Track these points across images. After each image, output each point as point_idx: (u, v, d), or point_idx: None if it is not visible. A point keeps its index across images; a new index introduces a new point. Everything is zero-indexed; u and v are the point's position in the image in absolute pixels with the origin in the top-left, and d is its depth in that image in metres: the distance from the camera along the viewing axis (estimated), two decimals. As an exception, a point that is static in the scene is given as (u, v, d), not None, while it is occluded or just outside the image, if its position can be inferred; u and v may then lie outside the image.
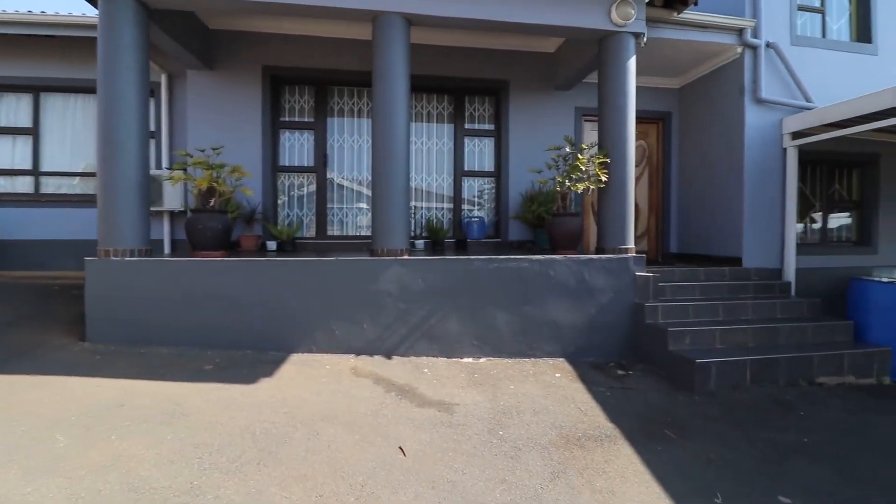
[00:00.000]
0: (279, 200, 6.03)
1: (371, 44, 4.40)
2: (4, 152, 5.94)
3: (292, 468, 2.37)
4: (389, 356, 4.19)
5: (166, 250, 5.73)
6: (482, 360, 4.28)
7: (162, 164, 5.74)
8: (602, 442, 2.90)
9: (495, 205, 6.43)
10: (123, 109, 3.99)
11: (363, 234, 6.12)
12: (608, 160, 4.65)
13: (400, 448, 2.66)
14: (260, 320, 4.09)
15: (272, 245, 5.46)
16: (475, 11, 4.38)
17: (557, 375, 4.01)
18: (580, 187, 4.64)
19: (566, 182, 4.68)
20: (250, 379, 3.47)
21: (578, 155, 4.66)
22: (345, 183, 6.17)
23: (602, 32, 4.65)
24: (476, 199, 6.48)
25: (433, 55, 5.89)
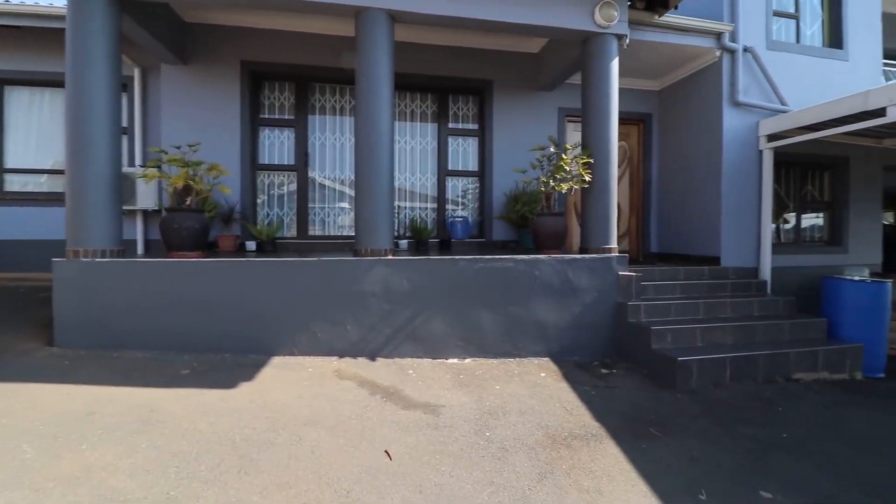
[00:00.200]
0: (259, 199, 5.89)
1: (354, 40, 4.33)
2: (-35, 148, 5.65)
3: (274, 475, 2.29)
4: (374, 358, 4.13)
5: (140, 251, 5.54)
6: (467, 361, 4.26)
7: (135, 162, 5.54)
8: (588, 441, 2.90)
9: (479, 205, 6.42)
10: (94, 104, 3.83)
11: (345, 234, 6.03)
12: (592, 160, 4.68)
13: (386, 452, 2.61)
14: (239, 323, 3.98)
15: (251, 245, 5.33)
16: (460, 10, 4.35)
17: (543, 375, 4.01)
18: (564, 187, 4.66)
19: (550, 182, 4.69)
20: (229, 383, 3.36)
21: (563, 155, 4.68)
22: (326, 182, 6.07)
23: (586, 33, 4.68)
24: (460, 199, 6.46)
25: (417, 53, 5.83)
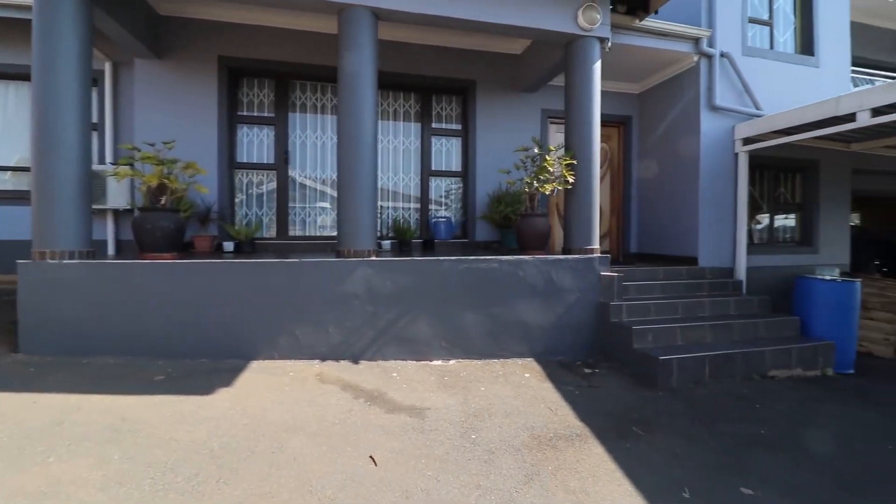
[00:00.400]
0: (237, 199, 5.74)
1: (337, 38, 4.25)
2: (-80, 143, 5.33)
3: (255, 485, 2.22)
4: (357, 361, 4.06)
5: (110, 252, 5.32)
6: (452, 363, 4.23)
7: (106, 159, 5.31)
8: (573, 441, 2.91)
9: (462, 205, 6.40)
10: (62, 99, 3.66)
11: (327, 235, 5.93)
12: (575, 162, 4.71)
13: (371, 457, 2.56)
14: (216, 327, 3.86)
15: (229, 246, 5.18)
16: (443, 9, 4.32)
17: (527, 376, 4.02)
18: (548, 188, 4.68)
19: (535, 183, 4.70)
20: (206, 389, 3.25)
21: (546, 157, 4.69)
22: (307, 181, 5.95)
23: (569, 36, 4.71)
24: (443, 200, 6.42)
25: (401, 52, 5.78)
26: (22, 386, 3.07)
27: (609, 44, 4.84)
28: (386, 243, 5.67)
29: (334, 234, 5.60)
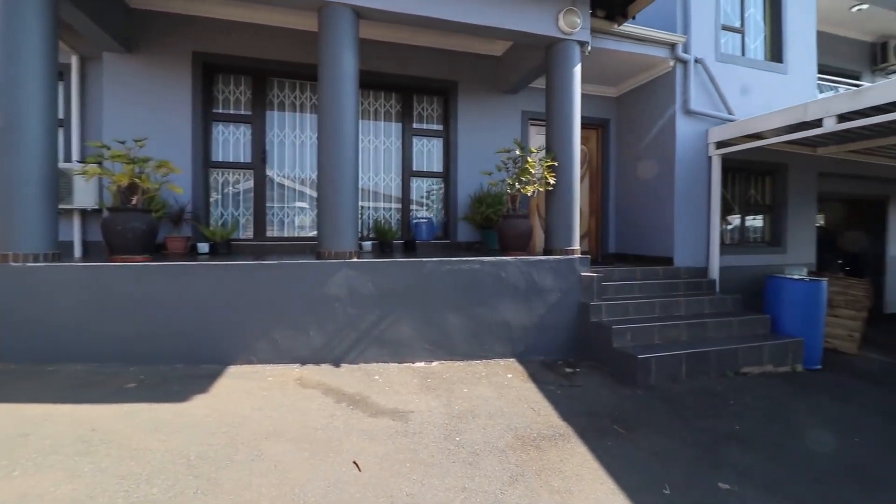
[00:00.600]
0: (212, 199, 5.58)
1: (317, 35, 4.18)
2: None
3: (236, 494, 2.16)
4: (338, 364, 4.01)
5: (77, 254, 5.09)
6: (434, 364, 4.22)
7: (72, 157, 5.09)
8: (556, 441, 2.94)
9: (444, 206, 6.39)
10: (25, 93, 3.50)
11: (306, 236, 5.83)
12: (556, 163, 4.76)
13: (354, 463, 2.52)
14: (191, 331, 3.75)
15: (204, 247, 5.04)
16: (425, 8, 4.30)
17: (509, 376, 4.04)
18: (530, 190, 4.71)
19: (517, 185, 4.73)
20: (182, 396, 3.15)
21: (528, 158, 4.73)
22: (286, 181, 5.84)
23: (550, 39, 4.75)
24: (424, 200, 6.40)
25: (382, 51, 5.73)
26: (-18, 396, 2.92)
27: (589, 48, 4.92)
28: (367, 244, 5.61)
29: (314, 235, 5.51)
